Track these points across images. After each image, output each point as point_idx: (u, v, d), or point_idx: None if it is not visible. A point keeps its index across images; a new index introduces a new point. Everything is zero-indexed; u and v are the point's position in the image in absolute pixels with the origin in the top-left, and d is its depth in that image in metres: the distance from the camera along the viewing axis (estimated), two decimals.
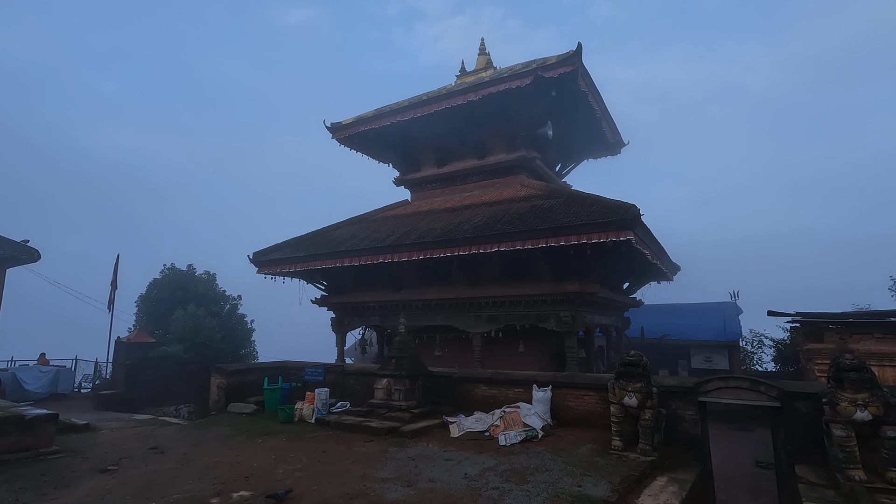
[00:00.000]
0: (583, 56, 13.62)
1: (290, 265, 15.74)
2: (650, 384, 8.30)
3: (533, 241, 11.48)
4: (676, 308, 23.03)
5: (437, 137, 17.38)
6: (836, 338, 10.24)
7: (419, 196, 17.93)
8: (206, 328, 21.24)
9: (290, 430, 10.86)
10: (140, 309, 24.53)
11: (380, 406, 11.12)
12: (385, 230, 15.33)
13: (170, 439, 10.39)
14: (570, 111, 15.76)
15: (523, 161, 15.89)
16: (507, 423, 9.74)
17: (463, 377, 11.86)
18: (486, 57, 19.13)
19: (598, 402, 10.07)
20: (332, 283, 17.32)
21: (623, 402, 8.37)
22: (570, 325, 12.66)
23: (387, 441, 9.45)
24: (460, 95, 15.10)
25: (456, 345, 15.27)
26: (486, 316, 14.15)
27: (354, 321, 17.02)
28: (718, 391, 8.99)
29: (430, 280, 15.00)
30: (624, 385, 8.39)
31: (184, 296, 23.23)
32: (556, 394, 10.41)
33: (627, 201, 10.76)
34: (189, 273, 25.15)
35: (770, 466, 8.83)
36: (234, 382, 13.83)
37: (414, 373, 11.36)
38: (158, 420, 13.67)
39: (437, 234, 13.22)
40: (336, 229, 17.42)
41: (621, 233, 10.46)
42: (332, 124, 18.06)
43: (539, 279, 13.19)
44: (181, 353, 20.19)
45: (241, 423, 11.75)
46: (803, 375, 18.94)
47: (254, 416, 12.60)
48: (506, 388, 11.16)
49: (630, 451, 8.26)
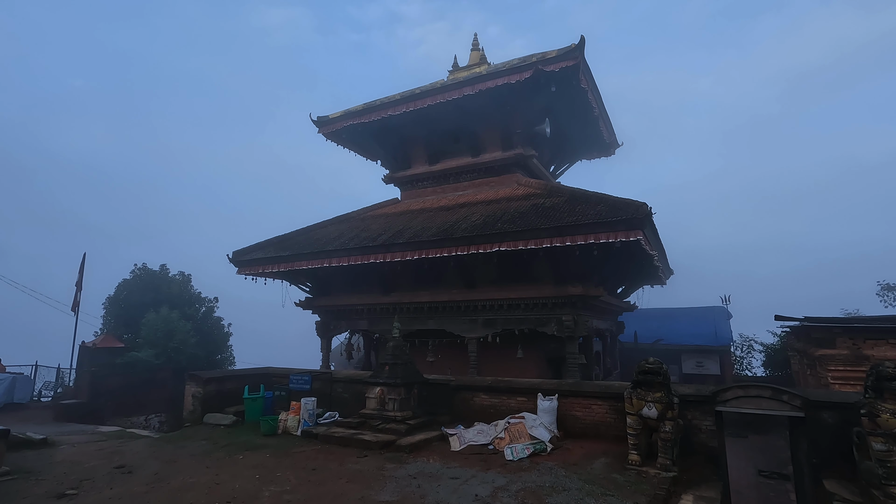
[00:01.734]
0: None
1: (273, 265, 14.79)
2: (671, 393, 7.74)
3: (536, 241, 10.87)
4: (666, 313, 22.77)
5: (430, 133, 16.70)
6: (849, 343, 9.92)
7: (410, 195, 17.18)
8: (179, 332, 20.01)
9: (274, 444, 9.95)
10: (108, 311, 23.03)
11: (372, 417, 10.31)
12: (375, 229, 14.53)
13: (139, 456, 9.37)
14: (569, 108, 15.27)
15: (520, 159, 15.32)
16: (512, 436, 9.05)
17: (461, 385, 11.14)
18: (479, 52, 18.52)
19: (607, 412, 9.49)
20: (318, 284, 16.41)
21: (641, 413, 7.78)
22: (573, 329, 12.09)
23: (383, 456, 8.66)
24: (456, 89, 14.45)
25: (449, 350, 14.53)
26: (482, 320, 13.47)
27: (341, 325, 16.14)
28: (737, 400, 8.49)
29: (422, 282, 14.25)
30: (642, 395, 7.80)
31: (156, 297, 21.90)
32: (563, 403, 9.79)
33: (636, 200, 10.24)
34: (162, 273, 23.79)
35: (774, 476, 8.40)
36: (210, 391, 12.80)
37: (409, 381, 10.59)
38: (126, 433, 12.54)
39: (433, 232, 12.50)
40: (321, 228, 16.52)
41: (631, 233, 9.93)
42: (319, 118, 17.19)
43: (539, 281, 12.59)
44: (152, 359, 18.93)
45: (219, 437, 10.77)
46: (794, 381, 18.86)
47: (233, 428, 11.61)
48: (508, 396, 10.49)
49: (648, 466, 7.68)
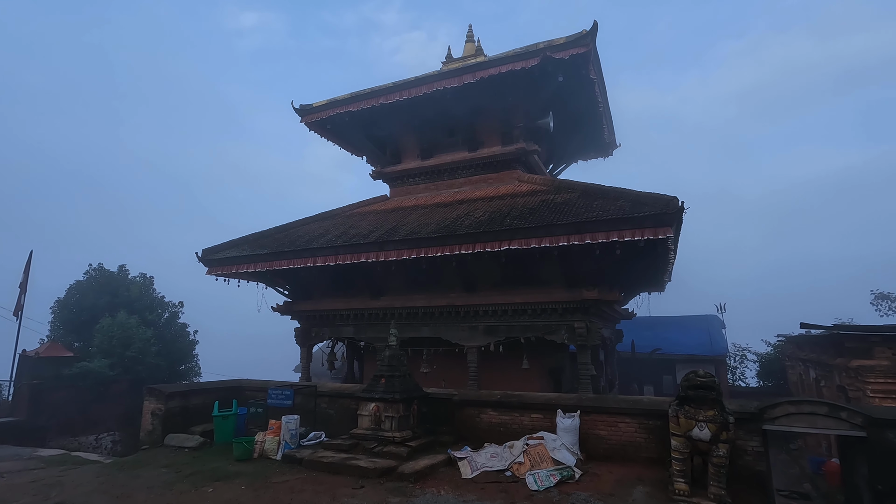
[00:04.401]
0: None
1: (249, 265, 13.21)
2: (725, 412, 6.69)
3: (551, 239, 9.77)
4: (659, 321, 22.10)
5: (423, 126, 15.50)
6: (888, 353, 9.19)
7: (400, 191, 15.90)
8: (138, 339, 18.05)
9: (250, 471, 8.44)
10: (56, 316, 20.73)
11: (366, 437, 8.93)
12: (365, 226, 13.18)
13: (82, 490, 7.72)
14: (573, 102, 14.35)
15: (521, 155, 14.28)
16: (532, 460, 7.85)
17: (465, 400, 9.89)
18: (473, 44, 17.49)
19: (636, 431, 8.42)
20: (298, 286, 14.89)
21: (691, 434, 6.71)
22: (585, 337, 11.02)
23: (383, 487, 7.31)
24: (455, 76, 13.30)
25: (444, 360, 13.23)
26: (484, 327, 12.27)
27: (323, 332, 14.62)
28: (788, 417, 7.52)
29: (417, 284, 12.97)
30: (692, 413, 6.73)
31: (113, 301, 19.83)
32: (584, 421, 8.66)
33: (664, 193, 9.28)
34: (121, 275, 21.64)
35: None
36: (173, 407, 11.12)
37: (408, 395, 9.27)
38: (71, 457, 10.71)
39: (433, 229, 11.27)
40: (303, 225, 15.04)
41: (660, 230, 8.94)
42: (302, 106, 15.76)
43: (548, 284, 11.50)
44: (106, 370, 16.91)
45: (183, 463, 9.16)
46: (790, 391, 18.35)
47: (200, 451, 10.00)
48: (520, 413, 9.30)
49: (700, 498, 6.59)
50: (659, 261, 11.37)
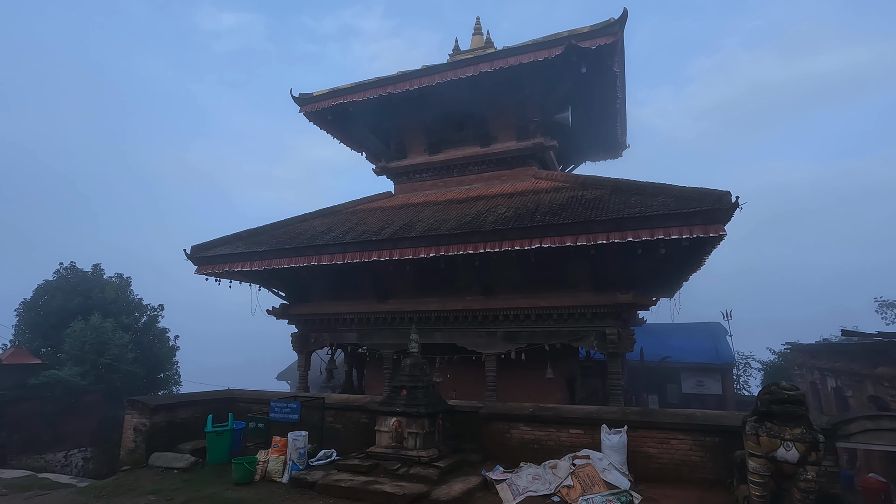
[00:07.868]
0: None
1: (244, 263, 12.03)
2: (813, 429, 5.92)
3: (589, 237, 8.95)
4: (662, 328, 21.52)
5: (431, 119, 14.60)
6: None
7: (406, 188, 14.94)
8: (114, 345, 16.55)
9: (253, 498, 7.31)
10: (22, 319, 18.97)
11: (387, 457, 7.90)
12: (373, 223, 12.16)
13: None
14: (593, 96, 13.66)
15: (537, 151, 13.51)
16: (583, 483, 6.95)
17: (494, 414, 8.94)
18: (482, 37, 16.72)
19: (690, 448, 7.61)
20: (297, 288, 13.73)
21: (775, 455, 5.91)
22: (617, 344, 10.22)
23: None
24: (471, 65, 12.44)
25: (455, 368, 12.27)
26: (503, 333, 11.37)
27: (323, 337, 13.49)
28: (865, 434, 6.88)
29: (428, 286, 12.00)
30: (776, 431, 5.93)
31: (86, 303, 18.23)
32: (631, 437, 7.82)
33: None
34: (95, 275, 20.01)
35: None
36: (159, 422, 9.86)
37: (433, 409, 8.28)
38: (38, 480, 9.38)
39: (453, 225, 10.34)
40: (302, 222, 13.92)
41: (710, 227, 8.21)
42: (301, 95, 14.68)
43: (576, 287, 10.69)
44: (77, 379, 15.39)
45: (172, 487, 7.96)
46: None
47: (191, 473, 8.78)
48: (556, 428, 8.41)
49: None
50: (692, 263, 10.70)
